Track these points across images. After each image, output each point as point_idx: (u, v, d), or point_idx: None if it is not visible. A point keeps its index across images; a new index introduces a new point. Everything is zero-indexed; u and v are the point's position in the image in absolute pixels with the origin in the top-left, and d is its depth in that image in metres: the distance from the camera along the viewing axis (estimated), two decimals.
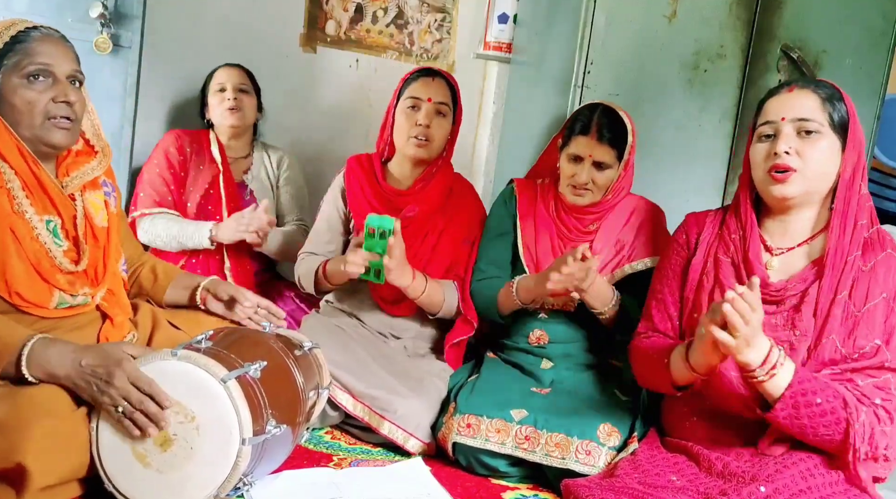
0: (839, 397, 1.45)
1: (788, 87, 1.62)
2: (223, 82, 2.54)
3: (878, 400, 1.48)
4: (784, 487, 1.43)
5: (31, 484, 1.30)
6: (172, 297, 1.84)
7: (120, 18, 2.43)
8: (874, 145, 2.75)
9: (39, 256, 1.51)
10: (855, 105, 1.63)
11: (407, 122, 2.18)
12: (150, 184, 2.43)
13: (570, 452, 1.74)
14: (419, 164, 2.24)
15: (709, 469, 1.55)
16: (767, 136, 1.61)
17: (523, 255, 2.13)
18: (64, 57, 1.53)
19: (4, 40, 1.49)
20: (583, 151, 2.04)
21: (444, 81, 2.22)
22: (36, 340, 1.41)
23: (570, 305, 2.07)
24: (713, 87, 2.58)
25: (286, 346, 1.70)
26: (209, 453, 1.41)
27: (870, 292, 1.54)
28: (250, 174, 2.60)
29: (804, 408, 1.44)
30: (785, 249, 1.64)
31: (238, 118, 2.53)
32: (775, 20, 2.60)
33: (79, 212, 1.59)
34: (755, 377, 1.45)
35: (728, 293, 1.40)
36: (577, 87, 2.47)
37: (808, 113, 1.57)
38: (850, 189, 1.58)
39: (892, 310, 1.54)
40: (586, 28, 2.44)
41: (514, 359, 2.12)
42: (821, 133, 1.56)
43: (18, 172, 1.50)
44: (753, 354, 1.43)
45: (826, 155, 1.57)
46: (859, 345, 1.53)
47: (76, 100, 1.53)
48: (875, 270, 1.55)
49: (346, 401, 1.94)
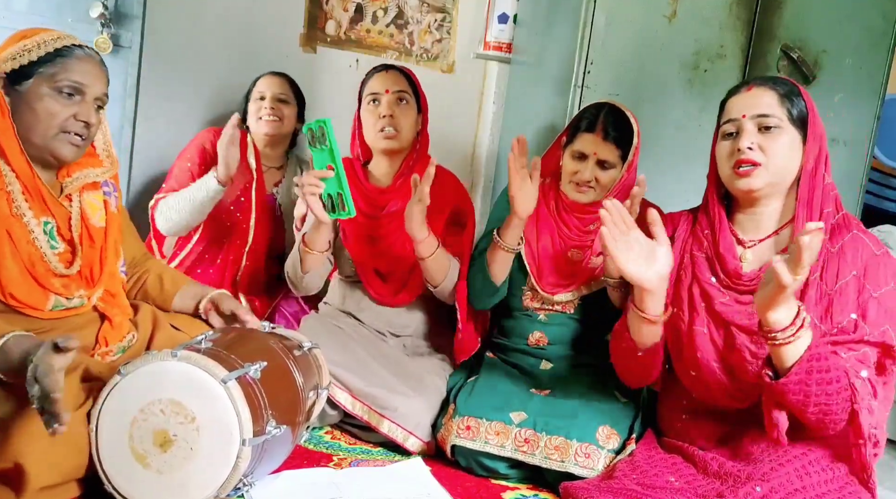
0: (842, 367, 1.46)
1: (747, 86, 1.68)
2: (263, 91, 2.53)
3: (864, 373, 1.50)
4: (780, 486, 1.44)
5: (29, 484, 1.31)
6: (179, 305, 1.84)
7: (120, 18, 2.43)
8: (874, 145, 2.75)
9: (34, 259, 1.51)
10: (855, 105, 1.65)
11: (371, 116, 2.19)
12: (176, 178, 2.41)
13: (569, 455, 1.74)
14: (393, 156, 2.24)
15: (705, 470, 1.56)
16: (730, 134, 1.67)
17: (524, 253, 2.13)
18: (98, 80, 1.57)
19: (48, 50, 1.52)
20: (588, 148, 2.04)
21: (399, 72, 2.24)
22: (11, 335, 1.38)
23: (571, 305, 2.07)
24: (713, 87, 2.58)
25: (286, 346, 1.70)
26: (209, 453, 1.41)
27: (840, 272, 1.58)
28: (280, 187, 2.58)
29: (816, 373, 1.42)
30: (757, 240, 1.69)
31: (275, 127, 2.51)
32: (775, 20, 2.60)
33: (74, 213, 1.60)
34: (777, 340, 1.42)
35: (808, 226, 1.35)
36: (577, 87, 2.47)
37: (767, 109, 1.62)
38: (814, 179, 1.63)
39: (863, 286, 1.57)
40: (586, 28, 2.43)
41: (514, 360, 2.13)
42: (781, 128, 1.61)
43: (20, 174, 1.51)
44: (785, 313, 1.41)
45: (787, 148, 1.62)
46: (837, 320, 1.55)
47: (95, 122, 1.57)
48: (843, 250, 1.59)
49: (346, 400, 1.95)
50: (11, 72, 1.50)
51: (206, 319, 1.82)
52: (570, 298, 2.08)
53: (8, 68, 1.50)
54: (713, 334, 1.65)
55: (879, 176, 3.55)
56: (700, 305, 1.68)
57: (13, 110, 1.50)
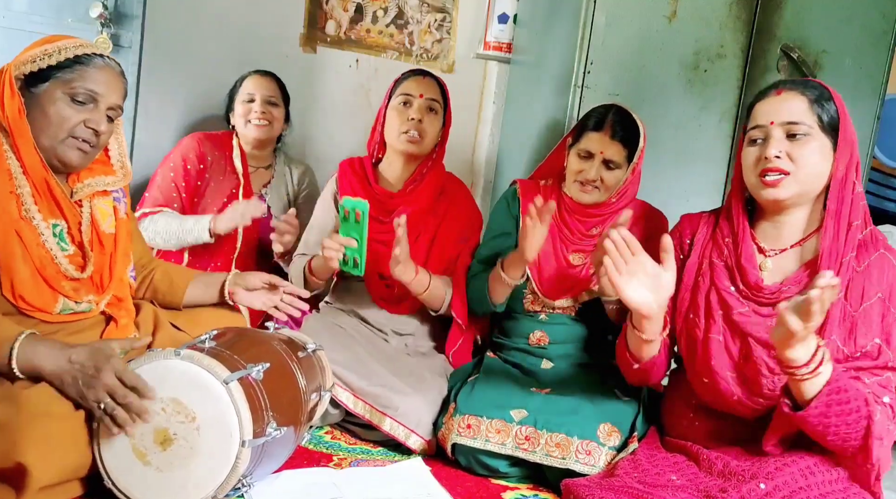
0: (862, 396, 1.44)
1: (776, 90, 1.62)
2: (252, 92, 2.50)
3: (886, 398, 1.48)
4: (784, 484, 1.43)
5: (31, 483, 1.31)
6: (195, 297, 1.86)
7: (120, 18, 2.43)
8: (874, 145, 2.75)
9: (45, 261, 1.52)
10: (855, 105, 1.63)
11: (399, 117, 2.19)
12: (160, 187, 2.40)
13: (570, 452, 1.74)
14: (410, 160, 2.25)
15: (709, 468, 1.55)
16: (758, 140, 1.61)
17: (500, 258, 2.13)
18: (114, 90, 1.58)
19: (67, 56, 1.53)
20: (594, 146, 2.04)
21: (435, 81, 2.26)
22: (25, 335, 1.42)
23: (572, 309, 2.08)
24: (713, 87, 2.58)
25: (289, 347, 1.70)
26: (209, 453, 1.41)
27: (865, 293, 1.55)
28: (270, 188, 2.57)
29: (836, 405, 1.41)
30: (778, 250, 1.65)
31: (265, 132, 2.50)
32: (775, 20, 2.60)
33: (84, 218, 1.61)
34: (796, 375, 1.41)
35: (820, 279, 1.32)
36: (577, 87, 2.47)
37: (796, 116, 1.57)
38: (844, 189, 1.58)
39: (888, 309, 1.54)
40: (586, 28, 2.44)
41: (514, 359, 2.13)
42: (810, 135, 1.56)
43: (32, 176, 1.52)
44: (803, 352, 1.39)
45: (817, 157, 1.57)
46: (860, 344, 1.53)
47: (104, 132, 1.57)
48: (869, 270, 1.56)
49: (347, 399, 1.95)
50: (30, 74, 1.52)
51: (233, 301, 1.85)
52: (571, 304, 2.09)
53: (27, 70, 1.52)
54: (728, 344, 1.62)
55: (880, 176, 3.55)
56: (717, 312, 1.64)
57: (27, 112, 1.51)
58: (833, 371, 1.43)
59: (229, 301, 1.85)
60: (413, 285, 2.08)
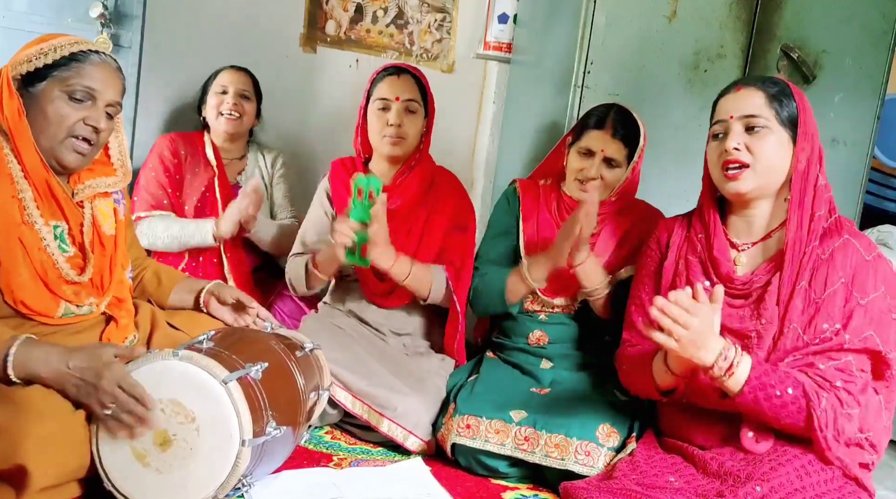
0: (798, 386, 1.49)
1: (736, 86, 1.68)
2: (225, 85, 2.53)
3: (838, 383, 1.52)
4: (780, 485, 1.44)
5: (31, 485, 1.31)
6: (176, 301, 1.85)
7: (120, 18, 2.43)
8: (874, 145, 2.74)
9: (46, 266, 1.51)
10: (855, 105, 1.65)
11: (378, 122, 2.19)
12: (146, 188, 2.43)
13: (569, 452, 1.74)
14: (396, 161, 2.25)
15: (705, 469, 1.56)
16: (719, 134, 1.67)
17: (525, 256, 2.13)
18: (111, 86, 1.57)
19: (63, 54, 1.52)
20: (595, 145, 2.04)
21: (411, 77, 2.24)
22: (21, 340, 1.41)
23: (571, 308, 2.07)
24: (713, 87, 2.57)
25: (287, 347, 1.70)
26: (209, 453, 1.41)
27: (828, 279, 1.58)
28: (244, 175, 2.60)
29: (764, 401, 1.49)
30: (750, 243, 1.70)
31: (235, 126, 2.53)
32: (775, 20, 2.60)
33: (86, 219, 1.61)
34: (713, 376, 1.50)
35: (657, 299, 1.46)
36: (577, 87, 2.46)
37: (754, 110, 1.63)
38: (805, 180, 1.63)
39: (850, 294, 1.57)
40: (586, 28, 2.43)
41: (514, 359, 2.12)
42: (769, 128, 1.62)
43: (33, 178, 1.51)
44: (705, 355, 1.47)
45: (775, 149, 1.62)
46: (820, 329, 1.56)
47: (104, 129, 1.56)
48: (833, 256, 1.59)
49: (346, 399, 1.95)
50: (27, 74, 1.51)
51: (208, 311, 1.82)
52: (569, 302, 2.09)
53: (24, 70, 1.51)
54: None
55: (879, 176, 3.55)
56: None
57: (26, 113, 1.51)
58: (755, 368, 1.49)
59: (204, 310, 1.83)
60: (393, 272, 2.07)
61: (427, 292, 2.15)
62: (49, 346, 1.44)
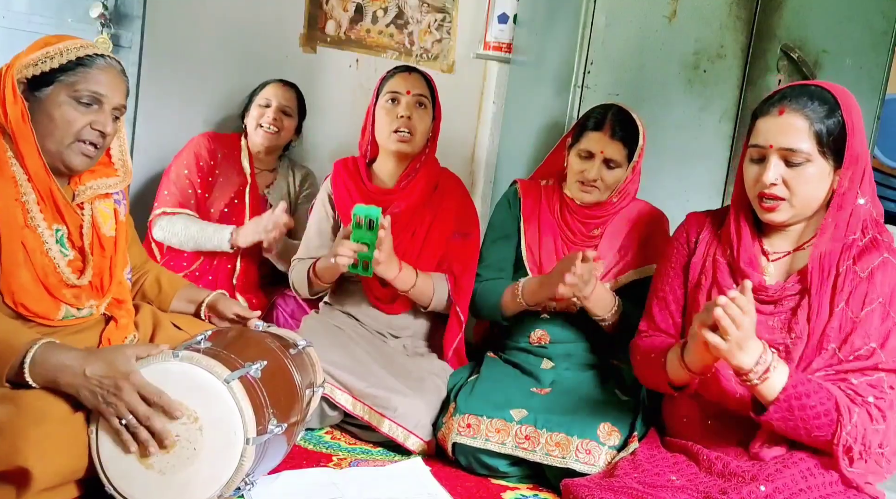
0: (832, 399, 1.47)
1: (779, 106, 1.58)
2: (269, 99, 2.54)
3: (871, 398, 1.50)
4: (784, 486, 1.43)
5: (32, 486, 1.30)
6: (177, 308, 1.86)
7: (120, 18, 2.43)
8: (874, 145, 2.75)
9: (48, 270, 1.51)
10: None
11: (388, 116, 2.19)
12: (176, 184, 2.43)
13: (570, 451, 1.74)
14: (402, 159, 2.24)
15: (709, 469, 1.55)
16: (756, 159, 1.62)
17: (526, 258, 2.13)
18: (117, 90, 1.56)
19: (69, 58, 1.51)
20: (594, 146, 2.04)
21: (421, 76, 2.25)
22: (40, 345, 1.39)
23: (572, 308, 2.07)
24: (713, 87, 2.58)
25: (281, 345, 1.71)
26: (212, 453, 1.41)
27: (867, 298, 1.55)
28: (272, 188, 2.60)
29: (798, 411, 1.46)
30: (782, 253, 1.66)
31: (272, 139, 2.53)
32: (775, 20, 2.60)
33: (86, 221, 1.60)
34: (749, 380, 1.47)
35: (720, 298, 1.42)
36: (577, 87, 2.47)
37: (795, 143, 1.54)
38: (842, 202, 1.58)
39: (887, 313, 1.55)
40: (586, 28, 2.44)
41: (515, 359, 2.13)
42: (810, 161, 1.56)
43: (36, 180, 1.51)
44: (745, 358, 1.45)
45: (814, 182, 1.57)
46: (855, 347, 1.54)
47: (110, 132, 1.56)
48: (872, 275, 1.56)
49: (346, 401, 1.95)
50: (32, 77, 1.50)
51: (210, 321, 1.83)
52: (571, 303, 2.09)
53: (29, 74, 1.50)
54: None
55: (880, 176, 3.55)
56: None
57: (31, 116, 1.50)
58: (792, 377, 1.46)
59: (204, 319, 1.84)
60: (397, 282, 2.08)
61: (429, 301, 2.16)
62: (66, 350, 1.41)
